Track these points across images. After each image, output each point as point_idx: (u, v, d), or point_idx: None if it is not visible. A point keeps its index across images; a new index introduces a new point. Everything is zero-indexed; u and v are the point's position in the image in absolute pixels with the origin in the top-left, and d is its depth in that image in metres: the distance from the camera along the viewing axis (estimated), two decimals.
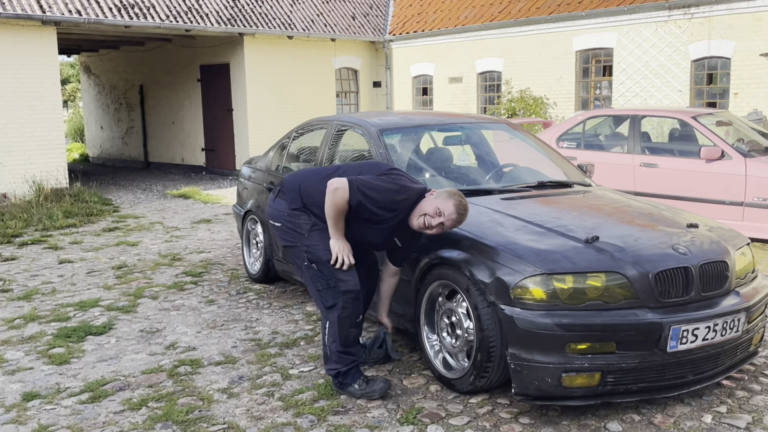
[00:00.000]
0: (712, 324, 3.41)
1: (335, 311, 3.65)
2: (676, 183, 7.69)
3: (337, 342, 3.68)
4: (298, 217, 3.75)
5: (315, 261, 3.67)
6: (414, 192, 3.68)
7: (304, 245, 3.71)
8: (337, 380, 3.76)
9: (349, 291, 3.63)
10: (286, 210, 3.78)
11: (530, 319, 3.30)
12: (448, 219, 3.59)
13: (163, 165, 17.39)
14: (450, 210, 3.58)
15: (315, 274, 3.69)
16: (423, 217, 3.62)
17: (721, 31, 11.85)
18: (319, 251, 3.66)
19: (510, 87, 14.92)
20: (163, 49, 16.48)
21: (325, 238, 3.67)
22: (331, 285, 3.65)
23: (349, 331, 3.70)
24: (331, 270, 3.64)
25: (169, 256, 7.28)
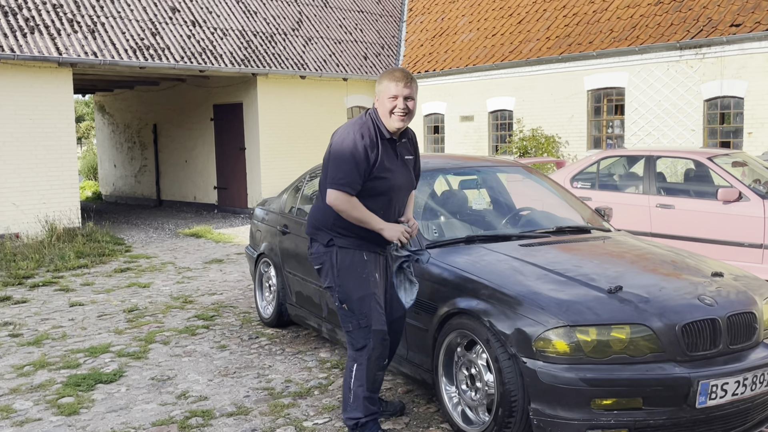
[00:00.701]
0: (742, 378, 3.30)
1: (365, 353, 3.53)
2: (694, 224, 7.58)
3: (364, 386, 3.56)
4: (331, 255, 3.61)
5: (345, 300, 3.57)
6: (357, 129, 3.54)
7: (336, 285, 3.60)
8: (354, 430, 3.64)
9: (379, 330, 3.53)
10: (322, 249, 3.65)
11: (553, 373, 3.19)
12: (401, 92, 3.52)
13: (176, 203, 17.44)
14: (393, 87, 3.52)
15: (345, 314, 3.58)
16: (392, 114, 3.55)
17: (734, 71, 11.85)
18: (348, 289, 3.56)
19: (521, 126, 14.93)
20: (177, 89, 16.66)
21: (353, 276, 3.55)
22: (362, 324, 3.53)
23: (376, 374, 3.60)
24: (361, 309, 3.53)
25: (180, 299, 7.22)
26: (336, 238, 3.58)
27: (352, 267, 3.56)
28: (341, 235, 3.58)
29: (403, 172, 3.68)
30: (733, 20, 11.89)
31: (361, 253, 3.59)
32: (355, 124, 3.59)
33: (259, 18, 15.63)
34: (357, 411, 3.59)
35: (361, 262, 3.57)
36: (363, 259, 3.58)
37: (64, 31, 12.02)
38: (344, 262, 3.57)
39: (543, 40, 14.86)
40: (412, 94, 3.58)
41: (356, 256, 3.58)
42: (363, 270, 3.57)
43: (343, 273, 3.57)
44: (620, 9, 14.03)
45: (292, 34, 15.96)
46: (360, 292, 3.54)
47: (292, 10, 16.61)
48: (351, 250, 3.58)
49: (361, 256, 3.58)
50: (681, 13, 12.87)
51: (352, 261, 3.57)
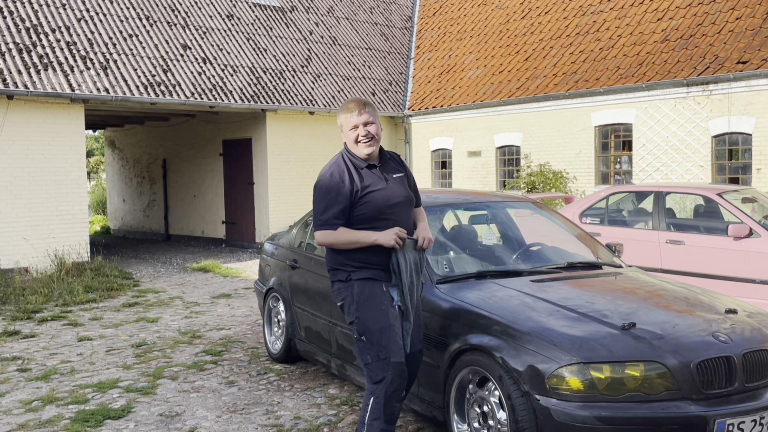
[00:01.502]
0: (759, 417, 3.25)
1: (383, 386, 3.50)
2: (704, 260, 7.54)
3: (381, 419, 3.52)
4: (350, 289, 3.62)
5: (364, 332, 3.56)
6: (328, 169, 3.67)
7: (356, 318, 3.60)
8: None
9: (398, 363, 3.51)
10: (343, 285, 3.66)
11: (567, 411, 3.16)
12: (359, 120, 3.64)
13: (184, 237, 17.49)
14: (350, 118, 3.65)
15: (364, 346, 3.57)
16: (358, 143, 3.66)
17: (741, 108, 11.90)
18: (367, 321, 3.55)
19: (529, 161, 14.98)
20: (186, 124, 16.83)
21: (372, 307, 3.55)
22: (381, 357, 3.51)
23: (394, 406, 3.56)
24: (380, 340, 3.51)
25: (188, 333, 7.19)
26: (353, 273, 3.60)
27: (372, 298, 3.57)
28: (356, 269, 3.59)
29: (394, 190, 3.70)
30: (740, 57, 11.98)
31: (380, 284, 3.60)
32: (327, 166, 3.73)
33: (269, 55, 15.85)
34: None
35: (380, 294, 3.58)
36: (382, 291, 3.59)
37: (77, 67, 12.20)
38: (363, 293, 3.58)
39: (550, 76, 14.99)
40: (370, 119, 3.68)
41: (375, 288, 3.58)
42: (382, 301, 3.57)
43: (363, 305, 3.57)
44: (626, 46, 14.16)
45: (301, 70, 16.15)
46: (379, 324, 3.53)
47: (302, 47, 16.84)
48: (370, 281, 3.59)
49: (380, 287, 3.59)
50: (687, 50, 12.98)
51: (371, 292, 3.57)
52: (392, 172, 3.77)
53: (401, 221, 3.68)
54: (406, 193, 3.75)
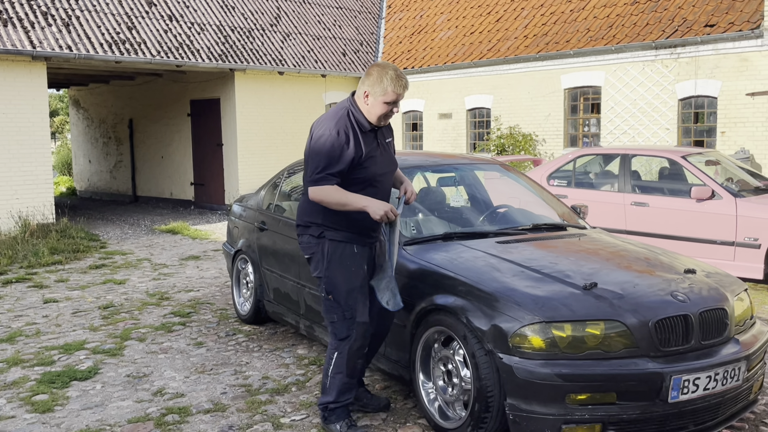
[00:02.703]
0: (713, 373, 3.35)
1: (347, 343, 3.64)
2: (667, 222, 7.69)
3: (343, 374, 3.67)
4: (322, 246, 3.65)
5: (332, 291, 3.63)
6: (334, 125, 3.53)
7: (325, 276, 3.65)
8: (324, 414, 3.75)
9: (362, 323, 3.62)
10: (313, 241, 3.69)
11: (529, 369, 3.23)
12: (397, 99, 3.57)
13: (152, 199, 17.29)
14: (391, 92, 3.53)
15: (331, 305, 3.65)
16: (381, 117, 3.60)
17: (708, 71, 12.02)
18: (336, 281, 3.62)
19: (499, 124, 15.01)
20: (153, 84, 16.50)
21: (342, 268, 3.61)
22: (347, 316, 3.61)
23: (356, 362, 3.71)
24: (347, 301, 3.60)
25: (156, 295, 7.16)
26: (327, 231, 3.63)
27: (342, 260, 3.62)
28: (332, 229, 3.62)
29: (385, 157, 3.75)
30: (708, 21, 12.06)
31: (351, 246, 3.65)
32: (332, 119, 3.59)
33: (237, 13, 15.54)
34: (330, 395, 3.70)
35: (351, 255, 3.64)
36: (353, 252, 3.65)
37: (38, 24, 11.84)
38: (335, 254, 3.62)
39: (521, 38, 14.95)
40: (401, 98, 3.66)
41: (347, 249, 3.63)
42: (352, 263, 3.64)
43: (333, 265, 3.62)
44: (597, 8, 14.15)
45: (271, 29, 15.88)
46: (348, 285, 3.61)
47: (271, 5, 16.53)
48: (342, 243, 3.63)
49: (351, 249, 3.64)
50: (656, 13, 13.01)
51: (342, 253, 3.63)
52: (386, 137, 3.80)
53: (386, 187, 3.79)
54: (392, 162, 3.81)
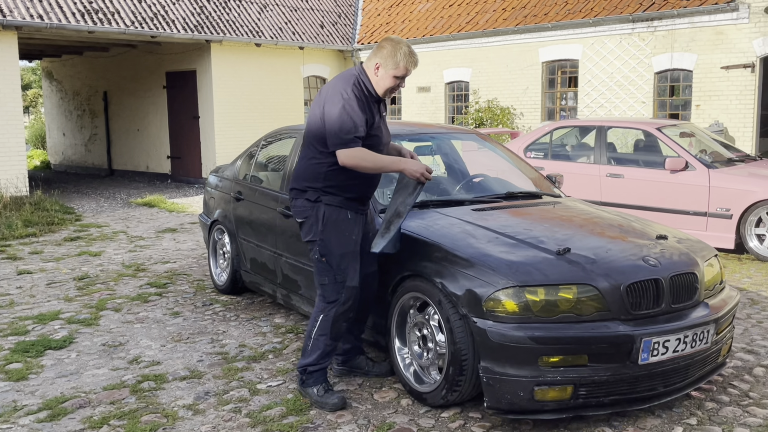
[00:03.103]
0: (683, 336, 3.42)
1: (335, 306, 3.69)
2: (642, 193, 7.78)
3: (327, 335, 3.72)
4: (317, 210, 3.69)
5: (326, 255, 3.68)
6: (350, 89, 3.58)
7: (319, 239, 3.70)
8: (302, 377, 3.79)
9: (352, 287, 3.69)
10: (308, 204, 3.73)
11: (503, 332, 3.27)
12: (406, 74, 3.68)
13: (127, 173, 17.10)
14: (402, 67, 3.62)
15: (324, 267, 3.70)
16: (387, 90, 3.68)
17: (684, 44, 12.08)
18: (331, 245, 3.67)
19: (477, 97, 15.01)
20: (127, 55, 16.23)
21: (337, 233, 3.66)
22: (338, 280, 3.67)
23: (341, 325, 3.77)
24: (340, 265, 3.66)
25: (132, 267, 7.12)
26: (324, 196, 3.68)
27: (338, 224, 3.68)
28: (329, 194, 3.68)
29: (384, 129, 3.84)
30: None
31: (345, 211, 3.71)
32: (347, 84, 3.62)
33: None
34: (310, 357, 3.74)
35: (345, 221, 3.70)
36: (347, 218, 3.71)
37: None
38: (330, 218, 3.68)
39: (499, 11, 14.90)
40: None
41: (342, 214, 3.69)
42: (346, 228, 3.70)
43: (328, 228, 3.68)
44: None
45: (247, 0, 15.65)
46: (342, 249, 3.67)
47: None
48: (338, 208, 3.69)
49: (345, 215, 3.70)
50: None
51: (338, 218, 3.69)
52: (384, 110, 3.87)
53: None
54: (389, 134, 3.93)
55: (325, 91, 3.68)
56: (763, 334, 4.86)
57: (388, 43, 3.63)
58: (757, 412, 3.61)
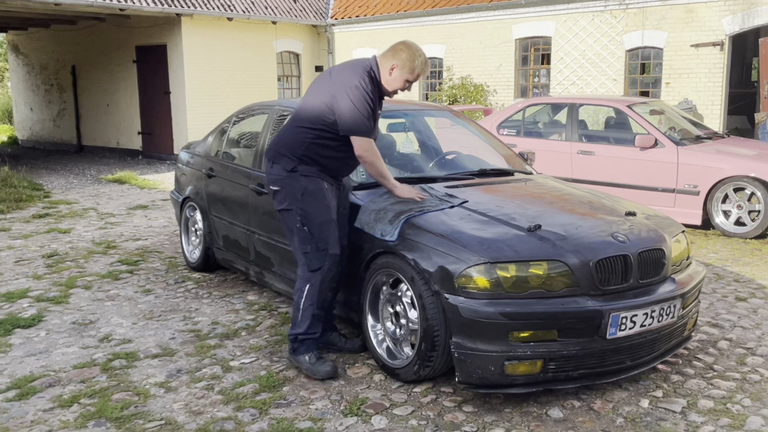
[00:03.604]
0: (650, 311, 3.49)
1: (319, 274, 3.77)
2: (612, 170, 7.86)
3: (314, 305, 3.79)
4: (295, 180, 3.78)
5: (307, 223, 3.76)
6: (368, 81, 3.71)
7: (299, 208, 3.77)
8: (293, 345, 3.84)
9: (335, 254, 3.78)
10: (284, 174, 3.81)
11: (474, 308, 3.30)
12: (415, 79, 3.81)
13: (97, 149, 16.83)
14: (416, 73, 3.78)
15: (305, 236, 3.77)
16: (394, 90, 3.83)
17: (655, 22, 12.16)
18: (311, 213, 3.76)
19: (451, 74, 14.98)
20: (96, 29, 15.88)
21: (317, 202, 3.76)
22: (320, 248, 3.76)
23: (327, 294, 3.85)
24: (321, 233, 3.75)
25: (103, 244, 7.04)
26: (299, 166, 3.76)
27: (317, 193, 3.77)
28: (305, 164, 3.77)
29: (377, 123, 3.96)
30: None
31: (322, 181, 3.80)
32: (362, 74, 3.72)
33: None
34: (300, 327, 3.80)
35: (322, 190, 3.80)
36: (324, 187, 3.81)
37: None
38: (309, 187, 3.77)
39: None
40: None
41: (319, 184, 3.79)
42: (324, 197, 3.80)
43: (308, 198, 3.76)
44: None
45: None
46: (322, 218, 3.76)
47: None
48: (314, 177, 3.78)
49: (322, 185, 3.80)
50: None
51: (317, 188, 3.78)
52: (381, 106, 3.97)
53: None
54: (378, 130, 4.06)
55: (339, 76, 3.77)
56: (728, 308, 4.97)
57: (405, 47, 3.78)
58: (720, 385, 3.71)
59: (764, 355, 4.12)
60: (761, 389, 3.66)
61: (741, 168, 7.08)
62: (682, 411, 3.42)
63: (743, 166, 7.09)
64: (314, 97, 3.83)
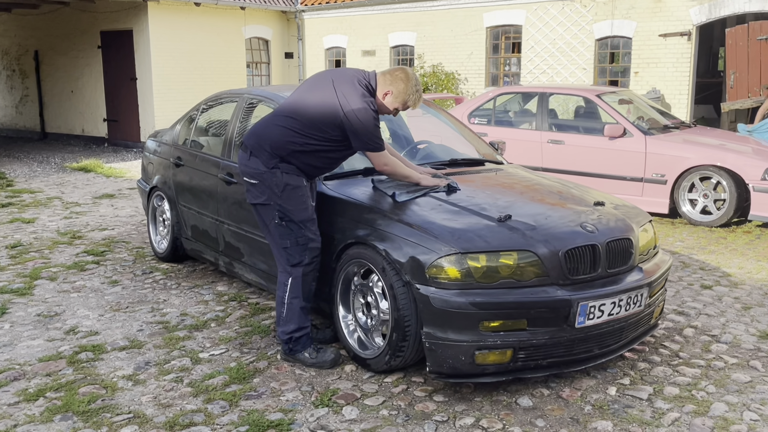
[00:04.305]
0: (617, 299, 3.53)
1: (300, 268, 3.77)
2: (581, 159, 7.93)
3: (300, 298, 3.78)
4: (274, 176, 3.75)
5: (286, 219, 3.74)
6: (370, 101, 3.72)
7: (277, 204, 3.75)
8: (288, 346, 3.81)
9: (315, 248, 3.79)
10: (263, 169, 3.77)
11: (445, 299, 3.31)
12: (406, 108, 3.85)
13: (62, 136, 16.50)
14: (408, 105, 3.81)
15: (285, 231, 3.77)
16: (385, 113, 3.87)
17: (624, 12, 12.26)
18: (291, 209, 3.75)
19: (422, 62, 14.96)
20: (59, 13, 15.53)
21: (298, 198, 3.75)
22: (300, 243, 3.76)
23: (311, 284, 3.84)
24: (301, 228, 3.74)
25: (68, 234, 6.91)
26: (281, 164, 3.75)
27: (296, 191, 3.77)
28: (287, 163, 3.75)
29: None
30: None
31: (301, 179, 3.80)
32: (366, 92, 3.73)
33: None
34: (291, 323, 3.79)
35: (302, 187, 3.81)
36: (303, 184, 3.81)
37: None
38: (290, 184, 3.75)
39: None
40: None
41: (299, 181, 3.80)
42: (304, 193, 3.80)
43: (288, 194, 3.75)
44: None
45: None
46: (303, 214, 3.77)
47: None
48: (294, 175, 3.77)
49: (302, 182, 3.80)
50: None
51: (297, 185, 3.77)
52: None
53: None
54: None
55: (343, 88, 3.71)
56: (693, 296, 5.06)
57: (405, 79, 3.77)
58: (686, 372, 3.78)
59: (728, 342, 4.20)
60: (725, 376, 3.73)
61: (707, 157, 7.19)
62: (649, 398, 3.47)
63: (709, 155, 7.20)
64: (315, 106, 3.73)
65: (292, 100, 3.86)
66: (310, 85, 3.88)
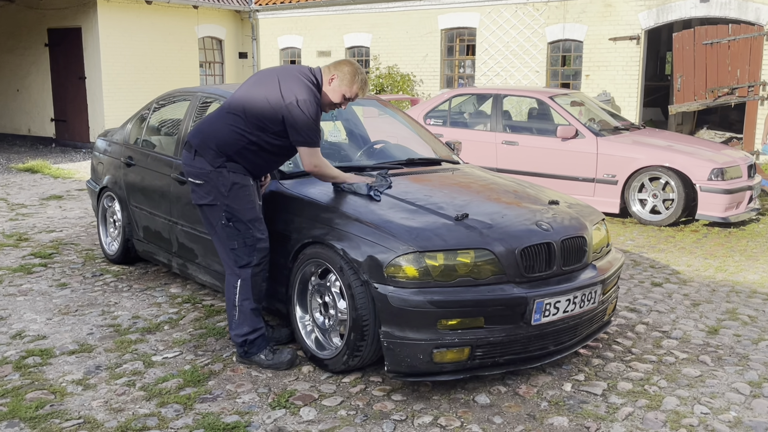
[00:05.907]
0: (572, 297, 3.57)
1: (248, 269, 3.71)
2: (535, 160, 8.04)
3: (250, 299, 3.72)
4: (221, 175, 3.69)
5: (234, 220, 3.68)
6: (313, 96, 3.69)
7: (224, 204, 3.69)
8: (243, 349, 3.74)
9: (263, 248, 3.73)
10: (209, 168, 3.70)
11: (403, 297, 3.30)
12: (352, 98, 3.79)
13: (7, 136, 16.00)
14: (354, 91, 3.76)
15: (232, 232, 3.71)
16: (333, 106, 3.82)
17: (575, 15, 12.49)
18: (238, 210, 3.69)
19: (378, 63, 14.98)
20: (4, 10, 15.06)
21: (245, 197, 3.69)
22: (248, 243, 3.70)
23: (261, 285, 3.78)
24: (248, 228, 3.69)
25: (14, 236, 6.70)
26: (228, 163, 3.69)
27: (243, 190, 3.72)
28: (234, 162, 3.69)
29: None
30: None
31: (248, 178, 3.75)
32: (311, 85, 3.69)
33: None
34: (244, 326, 3.72)
35: (249, 186, 3.76)
36: (250, 184, 3.76)
37: None
38: (236, 184, 3.69)
39: None
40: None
41: (245, 181, 3.73)
42: (251, 192, 3.75)
43: (235, 194, 3.69)
44: None
45: None
46: (250, 214, 3.71)
47: None
48: (241, 174, 3.72)
49: (248, 181, 3.75)
50: None
51: (243, 185, 3.72)
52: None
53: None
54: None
55: (288, 83, 3.67)
56: (644, 293, 5.17)
57: (349, 64, 3.78)
58: (638, 367, 3.85)
59: (679, 338, 4.30)
60: (676, 371, 3.82)
61: (656, 158, 7.37)
62: (603, 393, 3.53)
63: (658, 156, 7.38)
64: (260, 101, 3.69)
65: (237, 97, 3.81)
66: (255, 82, 3.84)
